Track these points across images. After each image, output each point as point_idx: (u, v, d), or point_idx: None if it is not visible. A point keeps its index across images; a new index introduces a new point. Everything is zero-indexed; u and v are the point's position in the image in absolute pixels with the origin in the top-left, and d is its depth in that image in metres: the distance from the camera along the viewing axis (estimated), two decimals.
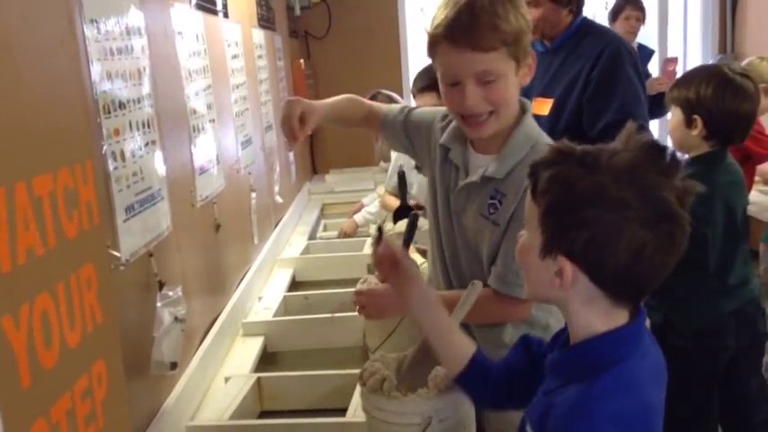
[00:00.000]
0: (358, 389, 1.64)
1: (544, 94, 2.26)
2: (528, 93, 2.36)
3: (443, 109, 1.55)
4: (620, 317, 0.95)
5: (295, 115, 1.52)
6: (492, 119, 1.39)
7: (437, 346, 1.19)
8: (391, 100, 3.44)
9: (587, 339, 0.95)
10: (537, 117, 2.35)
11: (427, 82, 2.56)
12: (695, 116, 2.01)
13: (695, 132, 2.03)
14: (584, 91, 2.16)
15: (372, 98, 3.39)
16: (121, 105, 1.40)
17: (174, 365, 1.50)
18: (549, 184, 0.92)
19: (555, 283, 0.94)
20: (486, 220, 1.41)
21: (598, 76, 2.13)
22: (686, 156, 2.10)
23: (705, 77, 2.03)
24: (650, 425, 0.92)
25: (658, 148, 0.91)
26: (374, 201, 3.36)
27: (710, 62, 4.34)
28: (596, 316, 0.94)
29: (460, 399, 1.24)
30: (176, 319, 1.50)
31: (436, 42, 1.36)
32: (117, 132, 1.37)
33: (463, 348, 1.17)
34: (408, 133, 1.63)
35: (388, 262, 1.23)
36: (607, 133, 2.29)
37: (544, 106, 2.24)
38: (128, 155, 1.40)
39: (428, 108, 1.68)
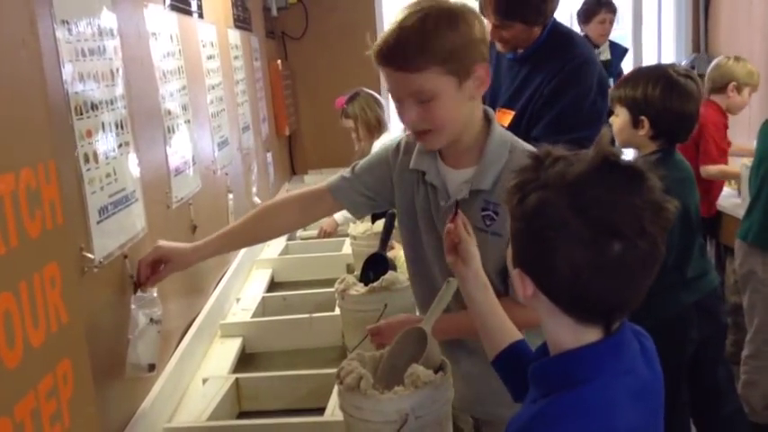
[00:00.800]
0: (336, 388, 1.65)
1: (508, 105, 2.22)
2: (494, 101, 2.35)
3: (391, 144, 1.55)
4: (589, 334, 0.90)
5: (146, 260, 1.51)
6: (435, 134, 1.38)
7: (483, 326, 1.18)
8: (373, 98, 3.45)
9: (558, 354, 0.93)
10: None
11: None
12: (642, 117, 2.05)
13: (642, 132, 2.07)
14: (537, 103, 2.12)
15: (354, 96, 3.41)
16: (94, 107, 1.39)
17: (152, 367, 1.49)
18: (509, 192, 0.92)
19: (519, 293, 0.93)
20: (485, 232, 1.38)
21: (548, 90, 2.09)
22: (635, 154, 2.13)
23: (652, 78, 2.06)
24: None
25: (610, 163, 0.86)
26: None
27: (684, 62, 4.40)
28: (564, 331, 0.91)
29: (437, 396, 1.25)
30: (152, 320, 1.49)
31: (377, 63, 1.35)
32: (89, 134, 1.36)
33: (507, 334, 1.17)
34: (368, 185, 1.56)
35: (453, 237, 1.20)
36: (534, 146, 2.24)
37: (506, 118, 2.21)
38: (101, 156, 1.39)
39: (373, 153, 1.63)
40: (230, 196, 2.55)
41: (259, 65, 3.57)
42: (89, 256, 1.30)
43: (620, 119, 2.12)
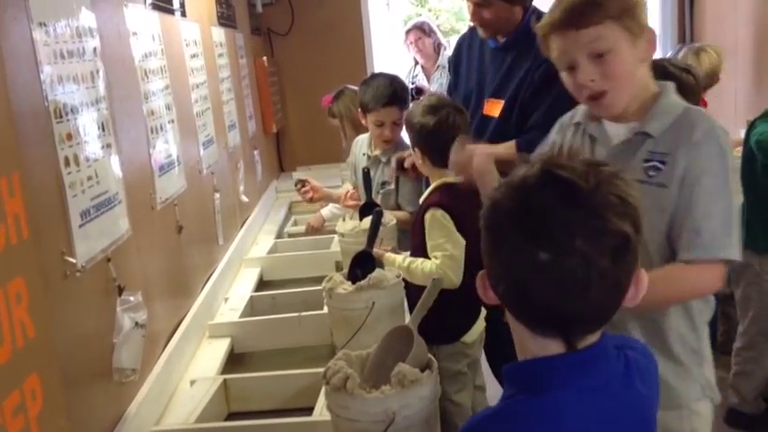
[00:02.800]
0: (323, 388, 1.65)
1: (496, 95, 2.20)
2: (481, 91, 2.32)
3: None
4: (552, 345, 0.88)
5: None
6: (612, 94, 1.37)
7: None
8: (356, 95, 3.43)
9: (525, 360, 0.91)
10: (488, 119, 2.31)
11: (390, 98, 2.58)
12: None
13: None
14: (528, 91, 2.11)
15: (339, 94, 3.39)
16: (74, 109, 1.38)
17: (134, 371, 1.48)
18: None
19: (481, 295, 0.92)
20: (648, 184, 1.33)
21: (539, 76, 2.08)
22: None
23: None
24: None
25: (550, 175, 0.84)
26: None
27: (670, 53, 4.40)
28: (526, 338, 0.90)
29: (424, 394, 1.24)
30: (137, 324, 1.48)
31: (546, 36, 1.40)
32: (69, 137, 1.34)
33: None
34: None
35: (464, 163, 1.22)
36: (531, 134, 2.20)
37: (495, 108, 2.19)
38: (81, 159, 1.38)
39: None
40: (217, 196, 2.54)
41: (245, 62, 3.55)
42: (71, 260, 1.29)
43: None
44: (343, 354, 1.36)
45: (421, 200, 2.27)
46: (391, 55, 4.95)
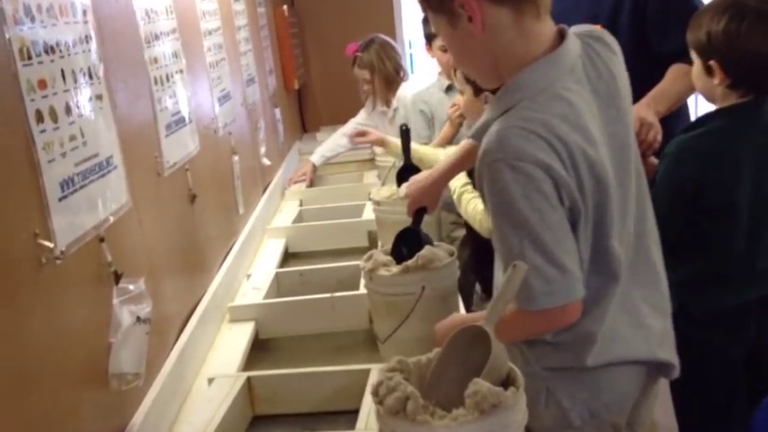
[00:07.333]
0: (368, 389, 1.36)
1: (590, 21, 1.95)
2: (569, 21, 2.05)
3: None
4: None
5: None
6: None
7: None
8: (390, 45, 3.11)
9: None
10: None
11: None
12: (711, 61, 1.60)
13: (716, 81, 1.61)
14: (636, 11, 1.87)
15: (369, 43, 3.07)
16: (50, 49, 1.07)
17: (136, 376, 1.20)
18: None
19: None
20: None
21: None
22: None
23: (717, 11, 1.59)
24: None
25: None
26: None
27: None
28: None
29: (508, 420, 0.94)
30: (139, 319, 1.19)
31: None
32: (43, 84, 1.04)
33: None
34: None
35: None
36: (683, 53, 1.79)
37: None
38: (60, 113, 1.08)
39: None
40: (235, 158, 2.23)
41: (263, 11, 3.21)
42: (47, 244, 1.00)
43: (694, 65, 1.68)
44: (397, 362, 1.05)
45: None
46: None
